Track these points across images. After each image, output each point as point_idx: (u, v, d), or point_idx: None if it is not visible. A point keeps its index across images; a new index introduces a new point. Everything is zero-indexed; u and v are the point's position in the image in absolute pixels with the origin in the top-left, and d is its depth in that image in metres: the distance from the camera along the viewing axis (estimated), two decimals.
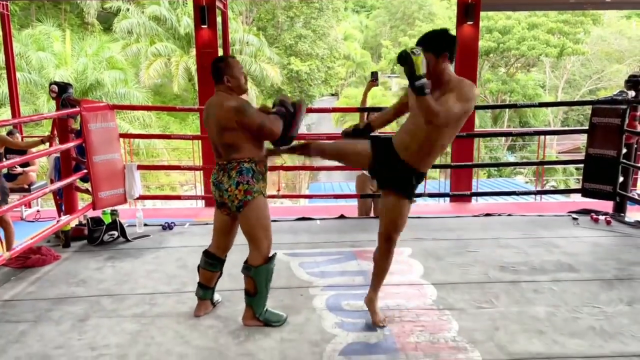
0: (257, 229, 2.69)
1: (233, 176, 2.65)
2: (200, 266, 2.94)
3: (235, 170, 2.65)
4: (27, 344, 2.65)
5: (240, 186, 2.64)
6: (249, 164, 2.67)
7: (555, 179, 16.47)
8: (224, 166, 2.68)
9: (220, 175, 2.69)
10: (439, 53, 2.43)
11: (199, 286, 2.96)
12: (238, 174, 2.64)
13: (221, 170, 2.69)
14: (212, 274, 2.92)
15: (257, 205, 2.67)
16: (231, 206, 2.69)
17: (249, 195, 2.64)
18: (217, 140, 2.68)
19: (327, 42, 24.56)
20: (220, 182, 2.68)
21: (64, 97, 4.37)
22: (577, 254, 3.90)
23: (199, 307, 2.95)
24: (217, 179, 2.71)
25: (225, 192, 2.66)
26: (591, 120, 4.94)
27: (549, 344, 2.58)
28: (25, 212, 6.11)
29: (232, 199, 2.66)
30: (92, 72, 15.59)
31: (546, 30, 19.44)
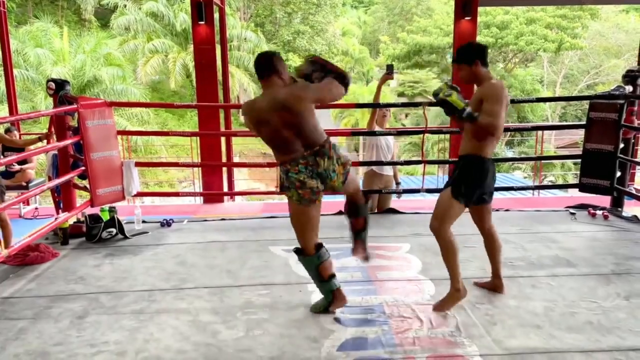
0: (358, 182, 3.08)
1: (332, 156, 2.68)
2: (319, 264, 2.80)
3: (329, 148, 2.68)
4: (26, 340, 2.65)
5: (339, 161, 2.71)
6: (330, 139, 2.74)
7: (554, 174, 16.49)
8: (318, 151, 2.65)
9: (321, 162, 2.66)
10: (471, 62, 2.84)
11: (332, 279, 2.84)
12: (334, 150, 2.70)
13: (316, 156, 2.65)
14: (330, 260, 2.88)
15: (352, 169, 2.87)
16: (338, 185, 2.77)
17: (348, 165, 2.78)
18: (297, 131, 2.61)
19: (325, 38, 24.55)
20: (326, 168, 2.67)
21: (62, 94, 4.36)
22: (575, 249, 3.91)
23: (342, 294, 2.87)
24: (321, 167, 2.66)
25: (334, 174, 2.70)
26: (589, 115, 4.94)
27: (546, 338, 2.59)
28: (24, 209, 6.10)
29: (339, 178, 2.73)
30: (89, 68, 15.55)
31: (544, 25, 19.43)
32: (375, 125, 4.92)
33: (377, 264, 3.67)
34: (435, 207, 2.92)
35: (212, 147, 6.39)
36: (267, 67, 2.67)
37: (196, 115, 11.31)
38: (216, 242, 4.20)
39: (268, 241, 4.19)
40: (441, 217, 2.87)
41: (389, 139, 5.01)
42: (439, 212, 2.89)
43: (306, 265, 2.86)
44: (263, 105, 2.65)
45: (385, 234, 4.38)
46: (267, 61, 2.69)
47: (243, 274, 3.50)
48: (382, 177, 5.02)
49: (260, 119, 2.66)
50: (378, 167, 4.99)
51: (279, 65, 2.68)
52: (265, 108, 2.63)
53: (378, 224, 4.73)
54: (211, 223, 4.85)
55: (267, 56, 2.73)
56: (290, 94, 2.61)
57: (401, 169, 5.38)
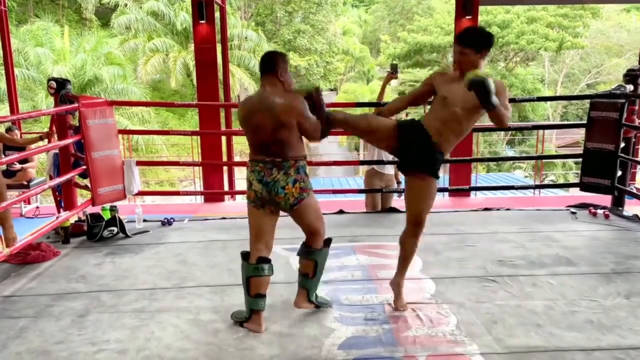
0: (317, 220, 2.77)
1: (291, 174, 2.61)
2: (251, 276, 2.68)
3: (294, 168, 2.62)
4: (27, 339, 2.66)
5: (297, 184, 2.62)
6: (303, 162, 2.67)
7: (555, 173, 16.48)
8: (278, 164, 2.60)
9: (275, 173, 2.60)
10: (479, 50, 2.66)
11: (258, 298, 2.69)
12: (296, 172, 2.62)
13: (274, 167, 2.61)
14: (267, 279, 2.73)
15: (313, 200, 2.73)
16: (284, 204, 2.64)
17: (305, 194, 2.66)
18: (271, 136, 2.59)
19: (326, 37, 24.55)
20: (275, 179, 2.60)
21: (63, 93, 4.36)
22: (576, 248, 3.91)
23: (260, 320, 2.70)
24: (271, 177, 2.61)
25: (282, 191, 2.60)
26: (590, 115, 4.94)
27: (546, 337, 2.60)
28: (25, 208, 6.11)
29: (287, 197, 2.61)
30: (90, 68, 15.56)
31: (545, 24, 19.39)
32: None
33: (378, 263, 3.68)
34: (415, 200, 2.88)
35: (213, 146, 6.40)
36: (268, 65, 2.66)
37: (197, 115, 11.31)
38: (217, 241, 4.21)
39: None
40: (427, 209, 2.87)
41: None
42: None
43: (241, 271, 2.76)
44: (254, 101, 2.66)
45: (386, 233, 4.38)
46: (269, 60, 2.68)
47: None
48: (383, 175, 5.03)
49: (249, 114, 2.65)
50: (379, 166, 5.00)
51: (280, 65, 2.66)
52: (255, 105, 2.64)
53: (379, 223, 4.74)
54: (212, 222, 4.86)
55: (271, 55, 2.72)
56: (284, 102, 2.58)
57: None
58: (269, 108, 2.58)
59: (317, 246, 2.82)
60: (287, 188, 2.61)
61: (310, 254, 2.82)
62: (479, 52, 2.66)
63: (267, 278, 2.74)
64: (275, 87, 2.65)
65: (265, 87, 2.66)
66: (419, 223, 2.85)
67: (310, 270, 2.82)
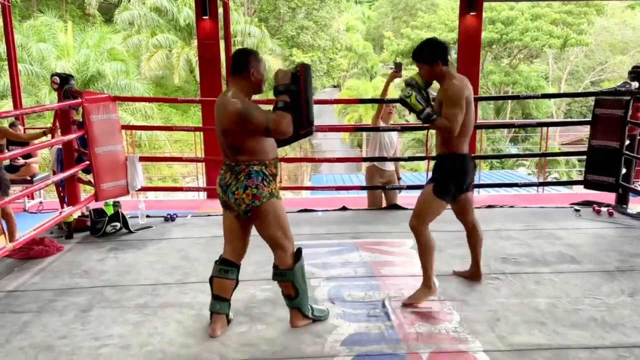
0: (276, 231, 2.57)
1: (241, 179, 2.48)
2: (213, 276, 2.66)
3: (244, 173, 2.48)
4: (30, 334, 2.67)
5: (248, 190, 2.47)
6: (258, 166, 2.50)
7: (558, 171, 16.45)
8: (231, 167, 2.52)
9: (228, 177, 2.52)
10: (432, 62, 2.78)
11: (214, 299, 2.64)
12: (246, 177, 2.48)
13: (228, 171, 2.53)
14: (229, 283, 2.64)
15: (270, 208, 2.53)
16: (238, 210, 2.53)
17: (257, 201, 2.49)
18: (224, 140, 2.51)
19: (329, 33, 24.49)
20: (228, 184, 2.51)
21: (66, 89, 4.36)
22: (579, 246, 3.90)
23: (215, 324, 2.63)
24: (224, 180, 2.53)
25: (232, 195, 2.50)
26: (594, 112, 4.92)
27: (550, 334, 2.59)
28: (28, 203, 6.12)
29: (238, 203, 2.50)
30: (93, 63, 15.56)
31: (549, 21, 19.29)
32: (381, 121, 4.91)
33: (381, 260, 3.67)
34: (416, 205, 2.95)
35: (216, 142, 6.36)
36: (237, 63, 2.51)
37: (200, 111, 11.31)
38: (220, 237, 4.14)
39: None
40: (422, 216, 2.91)
41: (392, 135, 5.01)
42: (420, 211, 2.92)
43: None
44: (215, 106, 2.55)
45: (389, 230, 4.37)
46: (240, 57, 2.53)
47: (246, 269, 3.48)
48: (384, 172, 5.02)
49: (215, 116, 2.55)
50: (380, 163, 4.99)
51: (254, 64, 2.50)
52: (217, 107, 2.53)
53: (381, 220, 4.73)
54: (215, 218, 4.85)
55: (242, 53, 2.56)
56: (224, 112, 2.45)
57: (405, 165, 5.38)
58: (218, 115, 2.50)
59: (286, 265, 2.61)
60: (237, 194, 2.48)
61: (283, 275, 2.63)
62: (432, 64, 2.77)
63: (229, 282, 2.64)
64: (236, 88, 2.49)
65: (228, 89, 2.53)
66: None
67: (292, 291, 2.65)
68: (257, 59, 2.53)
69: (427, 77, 2.83)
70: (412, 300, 2.92)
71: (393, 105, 5.04)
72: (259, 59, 2.54)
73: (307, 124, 2.56)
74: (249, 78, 2.50)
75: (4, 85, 13.88)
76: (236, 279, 2.69)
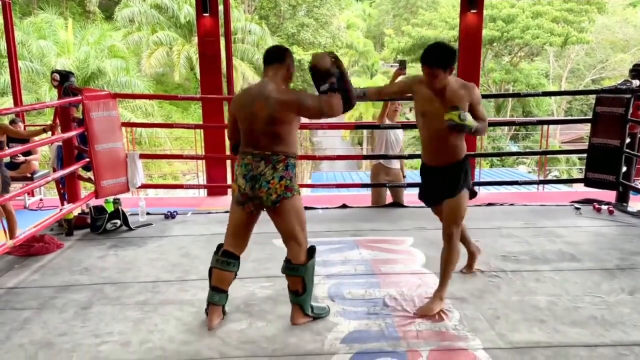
0: (296, 225, 2.61)
1: (279, 169, 2.51)
2: (213, 267, 2.68)
3: (283, 163, 2.52)
4: (31, 331, 2.67)
5: (283, 181, 2.52)
6: (294, 160, 2.58)
7: (558, 169, 16.45)
8: (267, 157, 2.51)
9: (263, 166, 2.51)
10: (448, 68, 2.66)
11: (213, 290, 2.67)
12: (285, 168, 2.52)
13: (262, 160, 2.51)
14: (229, 275, 2.68)
15: (297, 202, 2.60)
16: (266, 200, 2.53)
17: (289, 192, 2.55)
18: (264, 129, 2.50)
19: (330, 30, 24.43)
20: (262, 173, 2.50)
21: (66, 86, 4.36)
22: (579, 244, 3.90)
23: (212, 315, 2.68)
24: (259, 170, 2.51)
25: (265, 185, 2.50)
26: (595, 110, 4.92)
27: (550, 332, 2.59)
28: (28, 200, 6.12)
29: (270, 193, 2.51)
30: (93, 60, 15.54)
31: (550, 19, 19.26)
32: (386, 119, 4.91)
33: (381, 257, 3.67)
34: (454, 213, 2.85)
35: (216, 139, 6.38)
36: (277, 55, 2.63)
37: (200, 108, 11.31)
38: (220, 235, 4.14)
39: (271, 234, 4.14)
40: (459, 222, 2.88)
41: (397, 132, 5.00)
42: (459, 218, 2.86)
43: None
44: (253, 92, 2.58)
45: (389, 227, 4.38)
46: (279, 51, 2.66)
47: (246, 267, 3.49)
48: (389, 170, 5.02)
49: (245, 103, 2.57)
50: (386, 160, 4.99)
51: (289, 60, 2.63)
52: (254, 94, 2.55)
53: (382, 218, 4.73)
54: (215, 215, 4.86)
55: (282, 48, 2.71)
56: (281, 98, 2.49)
57: (406, 163, 5.38)
58: (266, 99, 2.49)
59: (300, 261, 2.64)
60: (272, 183, 2.51)
61: (294, 270, 2.64)
62: (446, 69, 2.65)
63: (229, 274, 2.67)
64: (277, 78, 2.58)
65: (268, 78, 2.59)
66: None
67: (300, 287, 2.65)
68: (293, 59, 2.68)
69: (438, 83, 2.68)
70: (425, 311, 2.81)
71: (399, 102, 5.02)
72: (294, 59, 2.69)
73: (352, 100, 2.60)
74: (285, 70, 2.61)
75: (4, 82, 13.87)
76: (236, 272, 2.71)
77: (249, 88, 2.68)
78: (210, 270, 2.70)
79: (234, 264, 2.68)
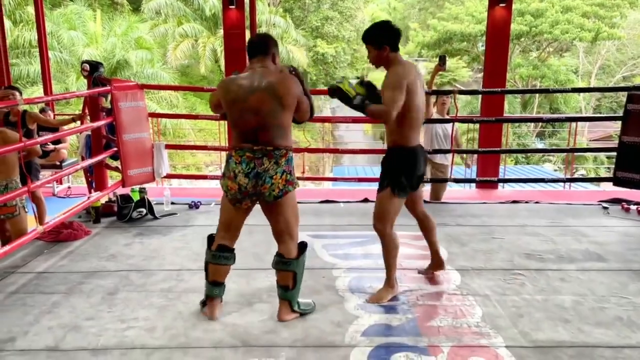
0: (294, 219, 2.62)
1: (282, 164, 2.48)
2: (210, 262, 2.68)
3: (285, 158, 2.49)
4: (59, 314, 2.74)
5: (285, 175, 2.49)
6: (292, 152, 2.57)
7: (585, 168, 16.10)
8: (269, 152, 2.46)
9: (266, 162, 2.46)
10: (379, 46, 2.71)
11: (212, 285, 2.68)
12: (287, 162, 2.50)
13: (264, 156, 2.46)
14: (227, 268, 2.70)
15: (294, 196, 2.60)
16: (268, 196, 2.50)
17: (291, 186, 2.53)
18: (266, 123, 2.44)
19: (354, 24, 24.30)
20: (266, 169, 2.46)
21: (95, 76, 4.44)
22: (607, 244, 3.82)
23: (214, 309, 2.69)
24: (263, 167, 2.46)
25: (269, 180, 2.46)
26: (626, 107, 4.80)
27: (574, 332, 2.55)
28: (57, 188, 6.27)
29: (273, 188, 2.48)
30: (119, 51, 15.77)
31: (581, 14, 18.80)
32: (435, 113, 4.89)
33: (402, 252, 3.65)
34: (376, 208, 2.88)
35: None
36: (261, 46, 2.56)
37: None
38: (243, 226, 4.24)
39: None
40: (384, 217, 2.86)
41: (446, 127, 4.95)
42: (381, 213, 2.86)
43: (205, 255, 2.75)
44: (246, 82, 2.47)
45: (411, 223, 4.34)
46: (263, 41, 2.58)
47: (269, 258, 3.49)
48: (435, 164, 4.99)
49: (239, 96, 2.45)
50: (431, 155, 4.94)
51: (274, 49, 2.57)
52: (249, 85, 2.45)
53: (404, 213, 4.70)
54: None
55: (265, 37, 2.62)
56: (285, 83, 2.47)
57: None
58: (268, 89, 2.42)
59: (292, 255, 2.62)
60: (275, 178, 2.47)
61: (287, 265, 2.61)
62: (380, 47, 2.70)
63: (226, 267, 2.69)
64: (268, 69, 2.52)
65: (256, 69, 2.51)
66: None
67: (290, 282, 2.63)
68: (278, 46, 2.62)
69: (375, 60, 2.76)
70: (375, 299, 2.87)
71: (447, 96, 4.97)
72: (277, 46, 2.62)
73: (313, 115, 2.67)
74: (270, 61, 2.56)
75: (34, 72, 14.18)
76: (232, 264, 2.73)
77: (238, 80, 2.51)
78: (206, 265, 2.70)
79: (229, 257, 2.69)
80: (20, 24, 15.17)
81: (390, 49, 2.70)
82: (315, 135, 20.10)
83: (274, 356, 2.35)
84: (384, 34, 2.72)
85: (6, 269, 3.35)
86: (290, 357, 2.35)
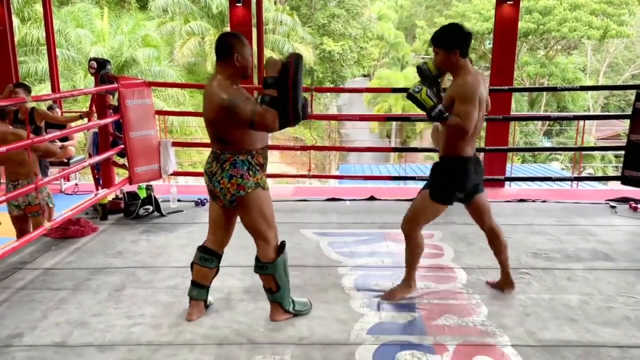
0: (259, 222, 2.52)
1: (226, 168, 2.42)
2: (194, 262, 2.68)
3: (229, 162, 2.42)
4: (66, 310, 2.76)
5: (233, 180, 2.42)
6: (244, 156, 2.43)
7: (593, 166, 16.00)
8: (217, 156, 2.46)
9: (214, 165, 2.46)
10: (450, 49, 2.58)
11: (192, 285, 2.68)
12: (232, 166, 2.42)
13: (214, 159, 2.47)
14: (208, 271, 2.66)
15: (255, 198, 2.47)
16: (224, 199, 2.48)
17: (242, 191, 2.43)
18: (208, 129, 2.46)
19: (361, 22, 24.27)
20: (213, 172, 2.46)
21: (103, 73, 4.45)
22: (614, 243, 3.80)
23: (192, 309, 2.68)
24: (211, 169, 2.48)
25: (217, 184, 2.45)
26: (635, 106, 4.76)
27: (580, 332, 2.54)
28: (64, 185, 6.30)
29: (224, 193, 2.45)
30: (127, 49, 15.82)
31: (589, 12, 18.65)
32: None
33: None
34: (411, 209, 2.82)
35: None
36: (221, 50, 2.40)
37: None
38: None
39: (299, 224, 4.22)
40: (415, 220, 2.80)
41: None
42: (414, 215, 2.80)
43: None
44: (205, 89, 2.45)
45: None
46: (222, 43, 2.41)
47: None
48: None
49: (202, 101, 2.47)
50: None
51: (238, 48, 2.38)
52: (204, 93, 2.44)
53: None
54: None
55: (225, 38, 2.44)
56: (211, 101, 2.36)
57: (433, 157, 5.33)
58: (204, 101, 2.41)
59: (268, 258, 2.55)
60: (222, 183, 2.43)
61: (263, 268, 2.57)
62: (450, 51, 2.57)
63: (207, 270, 2.65)
64: (222, 76, 2.39)
65: (214, 76, 2.43)
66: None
67: (273, 285, 2.59)
68: (242, 43, 2.41)
69: (442, 64, 2.62)
70: (390, 296, 2.86)
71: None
72: (244, 43, 2.41)
73: (293, 120, 2.38)
74: (233, 64, 2.38)
75: (42, 69, 14.26)
76: (217, 268, 2.70)
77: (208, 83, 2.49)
78: (192, 264, 2.70)
79: (212, 261, 2.65)
80: (29, 21, 15.26)
81: (460, 54, 2.59)
82: (322, 133, 20.09)
83: (279, 353, 2.36)
84: (456, 36, 2.61)
85: (14, 265, 3.38)
86: (295, 354, 2.35)
